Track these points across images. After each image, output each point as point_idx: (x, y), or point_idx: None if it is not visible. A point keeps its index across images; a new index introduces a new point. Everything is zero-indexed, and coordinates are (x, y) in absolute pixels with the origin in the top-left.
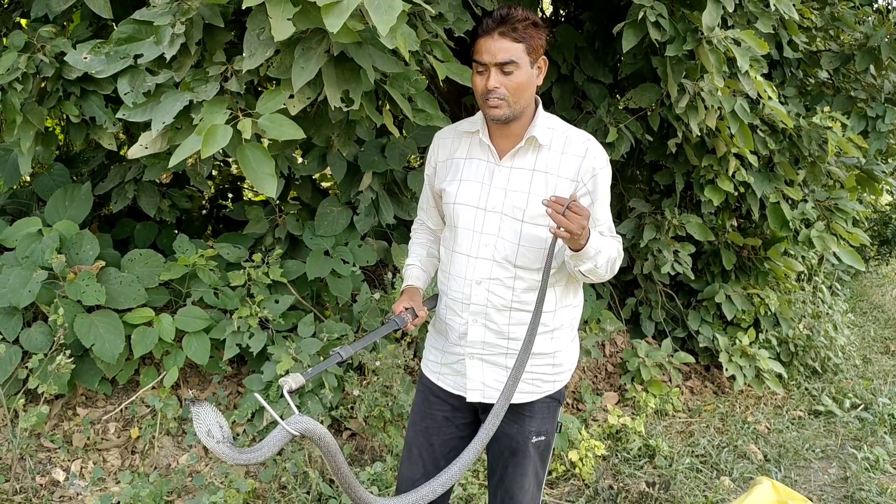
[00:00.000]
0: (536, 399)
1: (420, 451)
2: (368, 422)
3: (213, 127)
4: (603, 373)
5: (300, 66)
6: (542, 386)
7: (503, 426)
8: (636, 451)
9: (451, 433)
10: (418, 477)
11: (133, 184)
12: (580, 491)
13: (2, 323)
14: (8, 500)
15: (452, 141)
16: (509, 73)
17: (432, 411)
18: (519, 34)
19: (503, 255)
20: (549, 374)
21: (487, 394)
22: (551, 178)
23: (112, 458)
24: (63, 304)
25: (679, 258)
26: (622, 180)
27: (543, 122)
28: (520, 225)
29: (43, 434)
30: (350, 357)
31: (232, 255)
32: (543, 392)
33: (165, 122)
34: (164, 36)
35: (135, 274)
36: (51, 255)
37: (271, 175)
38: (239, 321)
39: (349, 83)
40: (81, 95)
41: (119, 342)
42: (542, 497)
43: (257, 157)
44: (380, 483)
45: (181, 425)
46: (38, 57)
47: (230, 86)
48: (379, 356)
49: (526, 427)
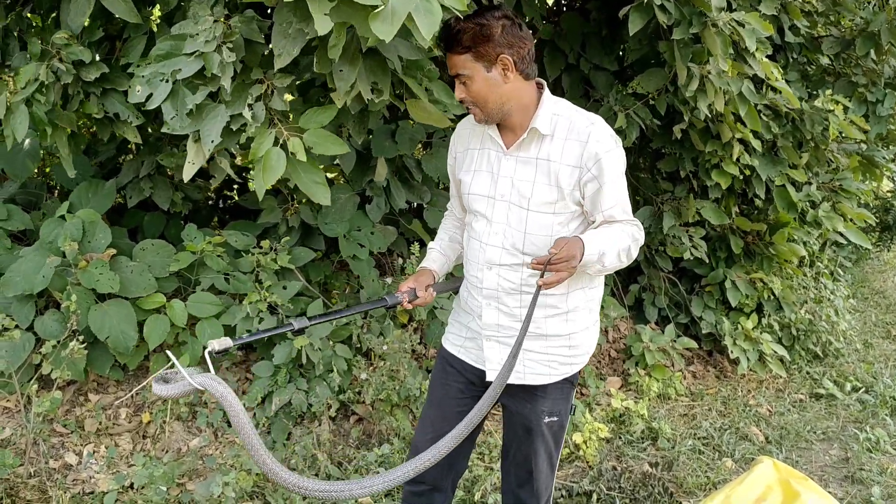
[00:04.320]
0: (551, 382)
1: (433, 421)
2: (375, 406)
3: (267, 153)
4: (606, 358)
5: (339, 70)
6: (558, 368)
7: (517, 405)
8: (639, 434)
9: (464, 405)
10: (428, 446)
11: (148, 179)
12: (584, 472)
13: (16, 310)
14: (23, 482)
15: (469, 132)
16: (466, 84)
17: (448, 382)
18: (463, 46)
19: (511, 242)
20: (565, 357)
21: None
22: (554, 165)
23: (124, 443)
24: (76, 291)
25: (694, 243)
26: (629, 168)
27: (548, 110)
28: (525, 213)
29: (56, 419)
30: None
31: (240, 242)
32: (560, 375)
33: (214, 142)
34: (213, 64)
35: (146, 263)
36: (65, 241)
37: (323, 184)
38: (249, 306)
39: (376, 75)
40: (101, 94)
41: (133, 334)
42: (553, 482)
43: (307, 168)
44: (387, 464)
45: (192, 410)
46: (54, 64)
47: (274, 104)
48: (386, 341)
49: (538, 407)
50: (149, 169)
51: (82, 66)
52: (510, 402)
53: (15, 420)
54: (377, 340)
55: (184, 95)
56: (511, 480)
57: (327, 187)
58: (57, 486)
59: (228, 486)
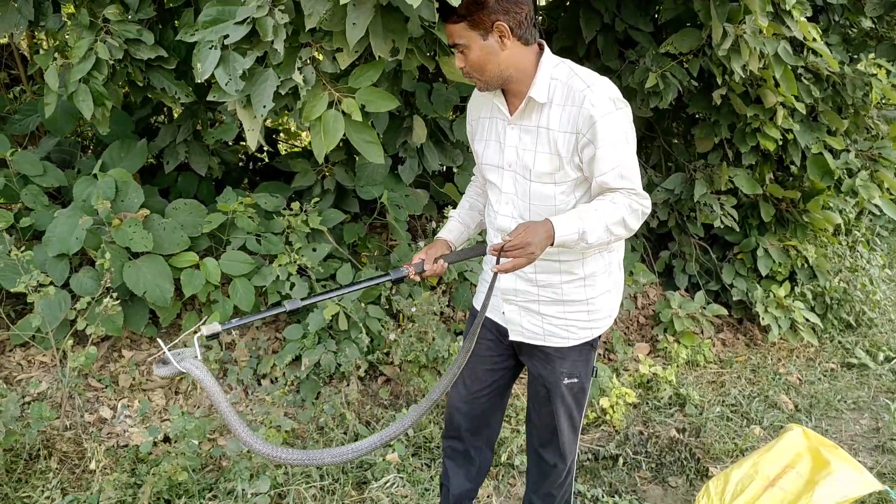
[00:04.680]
0: (570, 345)
1: (464, 378)
2: (403, 367)
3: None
4: (635, 324)
5: (352, 23)
6: (577, 332)
7: (537, 368)
8: (667, 400)
9: (493, 362)
10: (461, 403)
11: (184, 144)
12: (610, 436)
13: (51, 268)
14: (59, 435)
15: (481, 100)
16: (464, 53)
17: (478, 338)
18: (458, 15)
19: (518, 212)
20: (584, 321)
21: (526, 334)
22: (552, 133)
23: (157, 398)
24: (110, 249)
25: (725, 211)
26: (662, 133)
27: (545, 76)
28: (528, 184)
29: (91, 374)
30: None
31: (269, 203)
32: (579, 339)
33: (266, 107)
34: (266, 28)
35: (178, 222)
36: (98, 200)
37: (375, 143)
38: (279, 269)
39: (395, 33)
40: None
41: (169, 286)
42: (577, 444)
43: (359, 128)
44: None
45: (223, 367)
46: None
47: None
48: (415, 303)
49: (558, 369)
50: (185, 135)
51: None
52: (531, 364)
53: (51, 374)
54: (406, 302)
55: (233, 61)
56: (534, 441)
57: (379, 146)
58: (92, 439)
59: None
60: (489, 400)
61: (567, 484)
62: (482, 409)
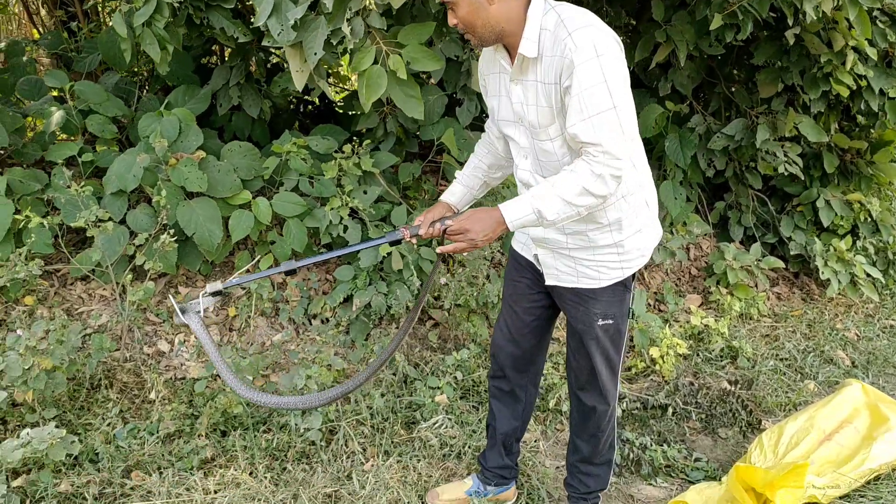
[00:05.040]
0: (602, 286)
1: (506, 318)
2: (452, 311)
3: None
4: (687, 276)
5: None
6: (608, 273)
7: (571, 309)
8: (718, 352)
9: (532, 301)
10: (504, 342)
11: (237, 88)
12: (659, 386)
13: (110, 204)
14: (119, 366)
15: (489, 56)
16: (453, 10)
17: (516, 279)
18: None
19: (531, 167)
20: (615, 262)
21: (561, 277)
22: (542, 86)
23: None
24: (166, 187)
25: (789, 158)
26: (723, 79)
27: (534, 28)
28: (533, 141)
29: (149, 308)
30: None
31: (322, 146)
32: (611, 279)
33: (317, 54)
34: None
35: (232, 164)
36: (156, 138)
37: (417, 98)
38: (331, 212)
39: None
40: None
41: (218, 232)
42: (618, 387)
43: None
44: (463, 369)
45: (275, 306)
46: None
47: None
48: None
49: (591, 309)
50: (238, 78)
51: None
52: (565, 306)
53: (111, 308)
54: None
55: (286, 9)
56: (574, 384)
57: (421, 101)
58: (151, 371)
59: (311, 378)
60: (531, 338)
61: (610, 426)
62: (525, 348)
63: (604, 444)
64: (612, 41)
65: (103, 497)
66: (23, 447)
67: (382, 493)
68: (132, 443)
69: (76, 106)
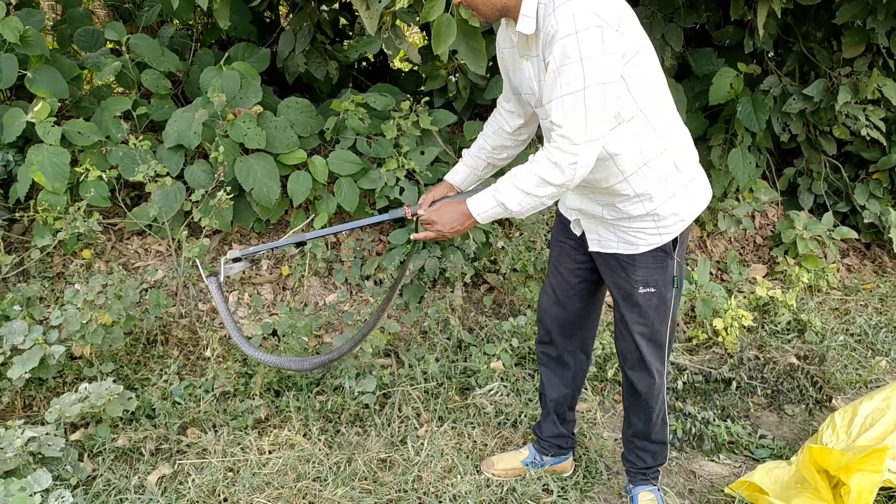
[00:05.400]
0: (641, 252)
1: (551, 281)
2: (508, 276)
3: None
4: (751, 244)
5: None
6: (646, 239)
7: (611, 275)
8: (784, 325)
9: (578, 262)
10: (549, 306)
11: (303, 56)
12: (723, 359)
13: (167, 158)
14: (174, 322)
15: (504, 32)
16: None
17: (562, 240)
18: None
19: None
20: (652, 229)
21: (602, 244)
22: (541, 62)
23: (265, 293)
24: (223, 143)
25: (871, 122)
26: (801, 38)
27: (531, 3)
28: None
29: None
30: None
31: (379, 102)
32: (649, 245)
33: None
34: None
35: (289, 120)
36: (214, 92)
37: (481, 52)
38: (387, 174)
39: None
40: None
41: (276, 187)
42: (666, 362)
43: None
44: (519, 335)
45: (329, 266)
46: None
47: None
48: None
49: (632, 277)
50: (304, 45)
51: None
52: (607, 275)
53: (166, 263)
54: None
55: None
56: (619, 357)
57: (485, 55)
58: (206, 328)
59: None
60: (577, 302)
61: (659, 402)
62: (571, 312)
63: (656, 421)
64: (596, 15)
65: (160, 452)
66: (80, 402)
67: (437, 461)
68: (188, 399)
69: (132, 59)
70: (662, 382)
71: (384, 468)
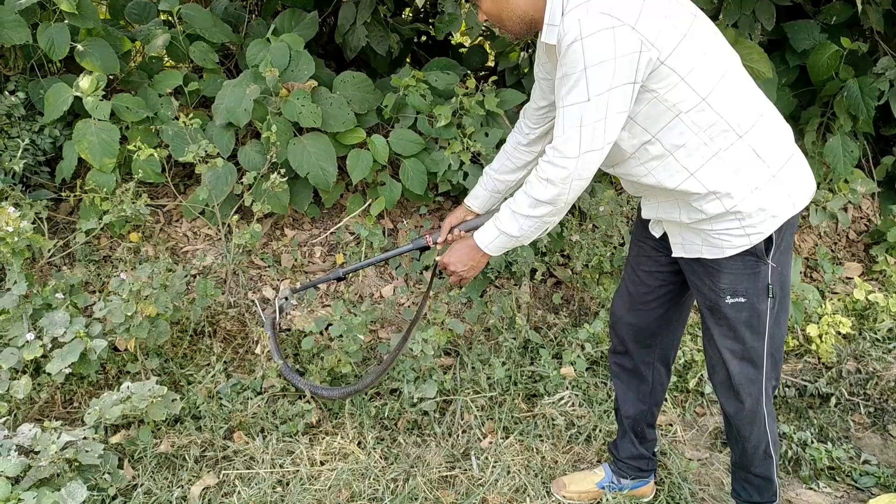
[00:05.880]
0: (728, 255)
1: (627, 284)
2: (580, 272)
3: None
4: (844, 240)
5: None
6: (732, 241)
7: (696, 282)
8: (885, 333)
9: (660, 263)
10: (624, 312)
11: (364, 28)
12: (817, 370)
13: (217, 137)
14: (223, 313)
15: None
16: (478, 5)
17: (642, 239)
18: None
19: None
20: (737, 229)
21: (686, 248)
22: None
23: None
24: (276, 122)
25: None
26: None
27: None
28: None
29: (254, 252)
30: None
31: (441, 81)
32: (736, 248)
33: None
34: None
35: (345, 97)
36: (266, 67)
37: None
38: (451, 156)
39: None
40: None
41: (332, 169)
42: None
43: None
44: (593, 341)
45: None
46: None
47: None
48: (601, 201)
49: (718, 285)
50: (364, 17)
51: None
52: (693, 283)
53: (216, 248)
54: (591, 200)
55: None
56: (709, 377)
57: None
58: (255, 319)
59: (427, 342)
60: (656, 308)
61: (756, 433)
62: (648, 319)
63: (753, 453)
64: (607, 15)
65: (204, 459)
66: (122, 403)
67: (504, 480)
68: (235, 400)
69: (184, 31)
70: (760, 410)
71: (446, 485)
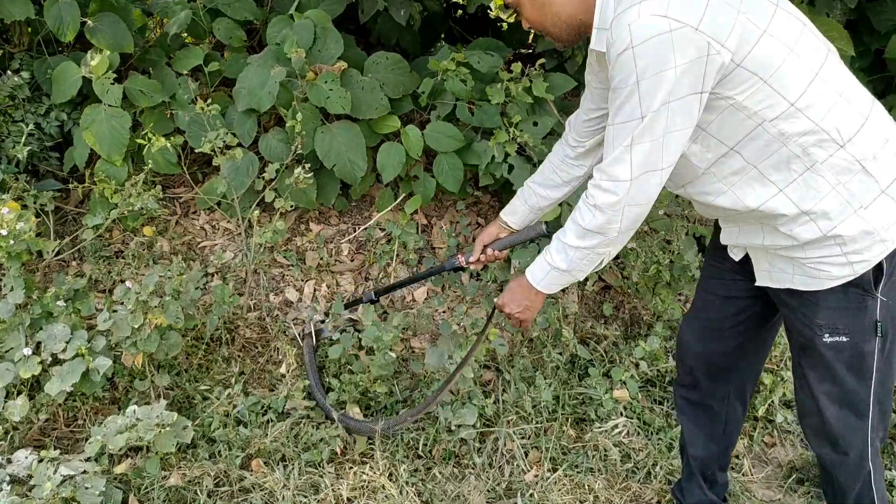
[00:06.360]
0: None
1: (699, 308)
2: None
3: None
4: None
5: None
6: (831, 270)
7: (791, 317)
8: None
9: (739, 288)
10: (694, 341)
11: None
12: None
13: (238, 124)
14: (242, 317)
15: None
16: (520, 13)
17: (719, 259)
18: None
19: None
20: (838, 256)
21: (775, 277)
22: None
23: (345, 283)
24: (302, 108)
25: None
26: None
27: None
28: None
29: (276, 249)
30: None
31: (484, 63)
32: (837, 279)
33: None
34: None
35: (378, 80)
36: (291, 47)
37: None
38: (496, 147)
39: None
40: None
41: (362, 163)
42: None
43: None
44: (648, 359)
45: (420, 255)
46: None
47: None
48: (661, 204)
49: (814, 320)
50: None
51: None
52: (785, 313)
53: (235, 244)
54: None
55: None
56: (800, 419)
57: None
58: (277, 326)
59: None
60: (732, 337)
61: (858, 489)
62: (724, 350)
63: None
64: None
65: (217, 493)
66: (127, 430)
67: None
68: (253, 424)
69: (204, 6)
70: (865, 465)
71: None
